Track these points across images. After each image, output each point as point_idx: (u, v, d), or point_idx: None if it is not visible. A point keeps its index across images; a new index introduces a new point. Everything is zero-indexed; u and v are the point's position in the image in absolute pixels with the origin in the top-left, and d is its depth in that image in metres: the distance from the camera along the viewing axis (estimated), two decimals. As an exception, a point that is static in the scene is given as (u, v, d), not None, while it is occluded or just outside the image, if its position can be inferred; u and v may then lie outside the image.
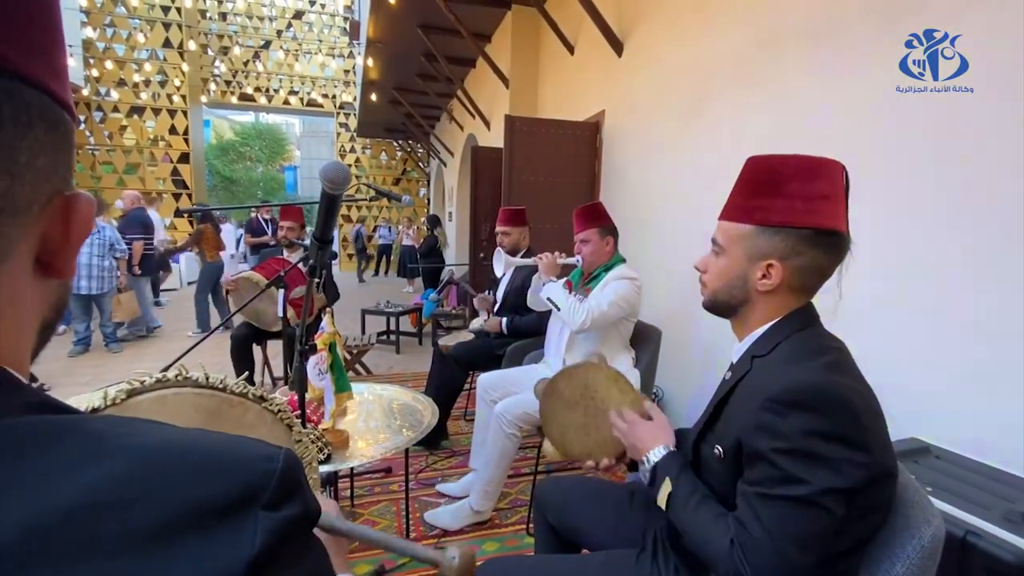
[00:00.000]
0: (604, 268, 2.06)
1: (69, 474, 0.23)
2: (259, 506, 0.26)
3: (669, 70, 2.90)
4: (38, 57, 0.27)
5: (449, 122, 8.96)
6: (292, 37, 11.43)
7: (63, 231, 0.30)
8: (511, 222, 2.64)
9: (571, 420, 1.17)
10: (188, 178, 10.59)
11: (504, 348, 2.47)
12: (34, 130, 0.27)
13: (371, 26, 5.72)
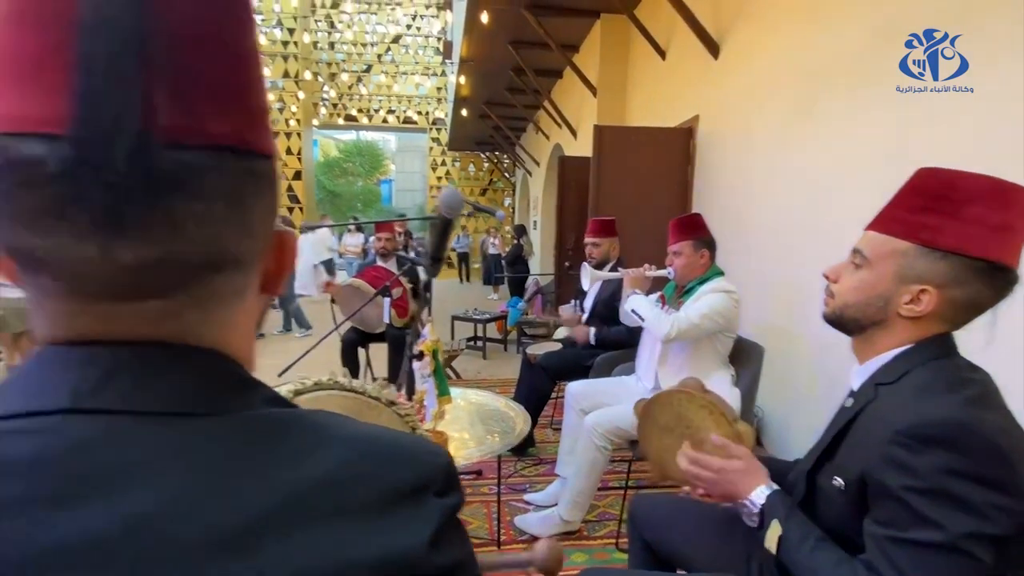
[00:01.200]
0: (699, 281, 2.00)
1: (307, 455, 0.30)
2: (431, 493, 0.31)
3: (772, 70, 2.75)
4: (261, 128, 0.33)
5: (535, 133, 9.11)
6: (391, 60, 12.27)
7: (279, 262, 0.36)
8: (601, 233, 2.64)
9: (667, 446, 1.15)
10: (300, 194, 11.72)
11: (592, 359, 2.47)
12: (265, 195, 0.33)
13: (464, 46, 6.00)
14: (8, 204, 0.26)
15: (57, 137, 0.25)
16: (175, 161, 0.27)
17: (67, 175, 0.25)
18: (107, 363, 0.29)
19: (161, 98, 0.26)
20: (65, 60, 0.25)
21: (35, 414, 0.27)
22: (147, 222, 0.27)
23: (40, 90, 0.25)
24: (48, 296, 0.29)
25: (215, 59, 0.29)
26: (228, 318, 0.33)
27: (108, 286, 0.28)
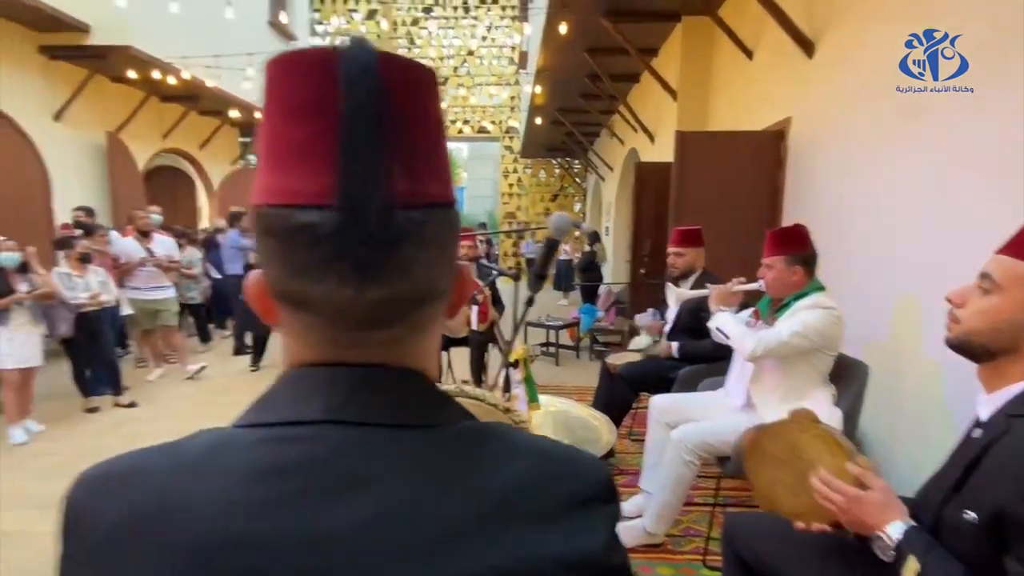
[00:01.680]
0: (796, 296, 1.92)
1: (502, 464, 0.36)
2: (600, 501, 0.36)
3: (875, 68, 2.57)
4: (451, 183, 0.40)
5: (610, 137, 9.02)
6: (466, 72, 12.66)
7: (460, 292, 0.42)
8: (685, 243, 2.60)
9: (778, 479, 1.12)
10: (381, 202, 12.41)
11: (676, 371, 2.44)
12: (456, 237, 0.40)
13: (541, 57, 6.09)
14: (287, 259, 0.34)
15: (326, 207, 0.32)
16: (407, 219, 0.34)
17: (334, 236, 0.32)
18: (350, 382, 0.36)
19: (396, 170, 0.33)
20: (329, 146, 0.32)
21: (298, 423, 0.35)
22: (388, 268, 0.34)
23: (311, 170, 0.33)
24: (309, 328, 0.37)
25: (426, 134, 0.37)
26: (424, 342, 0.40)
27: (356, 319, 0.35)
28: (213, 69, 6.87)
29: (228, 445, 0.35)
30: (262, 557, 0.30)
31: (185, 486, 0.32)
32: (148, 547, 0.31)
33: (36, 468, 3.02)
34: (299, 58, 0.34)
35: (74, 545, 0.34)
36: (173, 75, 6.67)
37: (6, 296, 3.35)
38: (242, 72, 6.84)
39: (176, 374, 4.88)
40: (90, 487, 0.35)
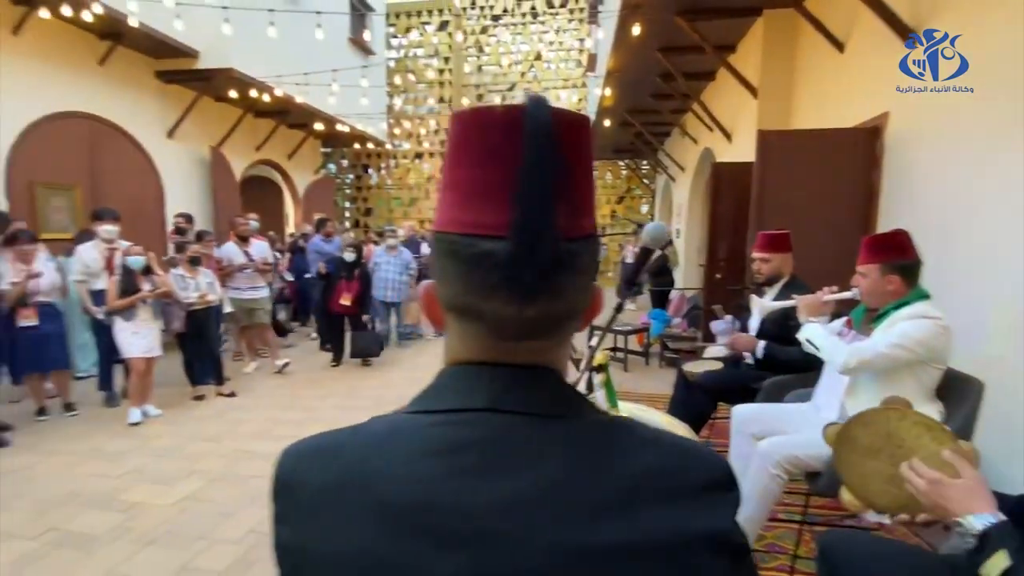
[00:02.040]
0: (896, 305, 1.79)
1: (637, 451, 0.41)
2: (723, 488, 0.41)
3: (989, 54, 2.35)
4: (595, 217, 0.46)
5: (681, 137, 8.76)
6: (533, 77, 12.76)
7: (594, 306, 0.48)
8: (771, 247, 2.48)
9: (873, 469, 1.08)
10: (450, 206, 12.76)
11: (760, 381, 2.34)
12: (598, 262, 0.46)
13: (612, 59, 6.04)
14: (466, 278, 0.41)
15: (502, 238, 0.39)
16: (566, 250, 0.40)
17: (508, 263, 0.39)
18: (507, 379, 0.43)
19: (561, 209, 0.39)
20: (508, 189, 0.39)
21: (466, 410, 0.41)
22: (547, 291, 0.40)
23: (492, 208, 0.40)
24: (475, 335, 0.43)
25: (583, 177, 0.43)
26: (563, 348, 0.47)
27: (515, 331, 0.42)
28: (302, 86, 7.41)
29: (405, 428, 0.42)
30: (449, 518, 0.37)
31: (376, 459, 0.40)
32: (352, 505, 0.38)
33: (154, 448, 3.41)
34: (487, 114, 0.40)
35: (286, 505, 0.42)
36: (267, 93, 7.26)
37: (134, 294, 3.81)
38: (328, 88, 7.32)
39: (267, 367, 5.31)
40: (296, 460, 0.44)
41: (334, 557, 0.37)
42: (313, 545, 0.39)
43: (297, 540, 0.40)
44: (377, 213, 13.17)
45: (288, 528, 0.41)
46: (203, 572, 2.13)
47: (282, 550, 0.41)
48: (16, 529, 2.45)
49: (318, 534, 0.39)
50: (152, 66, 6.96)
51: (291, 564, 0.40)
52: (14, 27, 5.37)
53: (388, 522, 0.37)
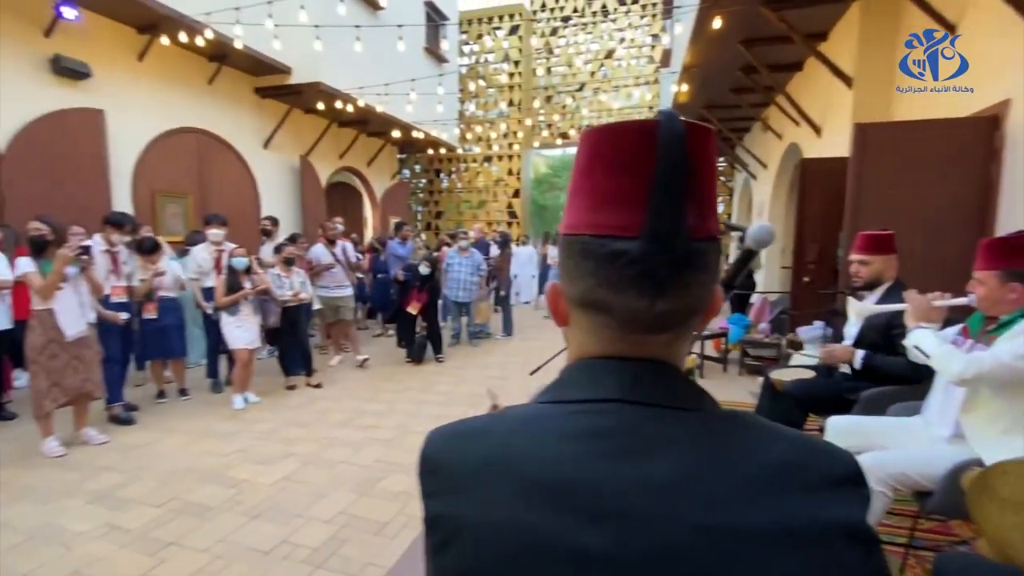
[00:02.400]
0: (1022, 313, 1.61)
1: (766, 444, 0.42)
2: (854, 484, 0.41)
3: None
4: (718, 219, 0.48)
5: (763, 132, 8.31)
6: (604, 76, 12.60)
7: (714, 305, 0.49)
8: (873, 249, 2.30)
9: (1013, 523, 0.98)
10: (518, 209, 12.88)
11: (858, 392, 2.19)
12: (720, 264, 0.48)
13: (689, 54, 5.85)
14: (598, 275, 0.44)
15: (634, 238, 0.42)
16: (695, 249, 0.43)
17: (640, 260, 0.42)
18: (635, 372, 0.45)
19: (690, 211, 0.42)
20: (641, 194, 0.42)
21: (599, 401, 0.45)
22: (676, 286, 0.43)
23: (625, 211, 0.43)
24: (604, 328, 0.47)
25: (710, 182, 0.45)
26: (684, 344, 0.49)
27: (645, 324, 0.45)
28: (382, 96, 7.80)
29: (543, 415, 0.46)
30: (592, 496, 0.40)
31: (520, 442, 0.44)
32: (500, 482, 0.42)
33: (255, 431, 3.73)
34: (621, 129, 0.44)
35: (436, 482, 0.47)
36: (351, 104, 7.72)
37: (238, 292, 4.20)
38: (405, 96, 7.66)
39: (349, 361, 5.65)
40: (443, 442, 0.49)
41: (488, 528, 0.41)
42: (466, 517, 0.43)
43: (449, 513, 0.44)
44: (447, 216, 13.57)
45: (439, 502, 0.45)
46: (301, 547, 2.32)
47: (433, 522, 0.45)
48: (145, 497, 2.78)
49: (470, 508, 0.43)
50: (251, 83, 7.63)
51: (443, 533, 0.44)
52: (139, 54, 6.09)
53: (534, 498, 0.40)
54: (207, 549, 2.30)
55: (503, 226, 12.61)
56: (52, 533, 2.43)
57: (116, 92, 5.84)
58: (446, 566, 0.43)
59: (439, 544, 0.44)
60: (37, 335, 3.15)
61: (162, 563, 2.21)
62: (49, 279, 3.10)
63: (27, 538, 2.39)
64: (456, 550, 0.42)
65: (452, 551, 0.43)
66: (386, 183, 11.47)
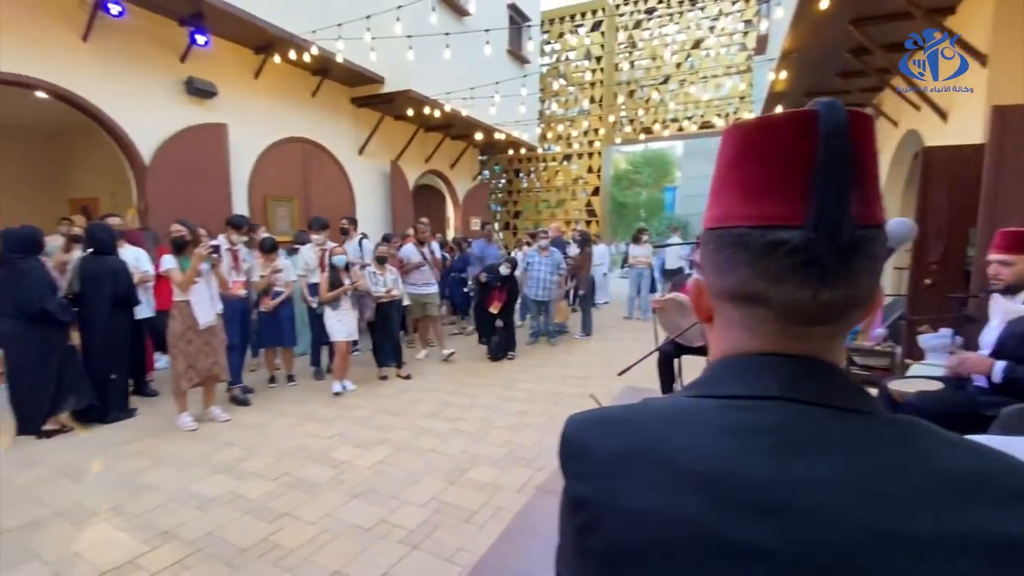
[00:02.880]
0: None
1: (938, 452, 0.40)
2: None
3: None
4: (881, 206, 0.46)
5: (875, 119, 7.54)
6: (690, 67, 12.09)
7: (876, 301, 0.47)
8: (1017, 248, 2.03)
9: None
10: (597, 207, 12.72)
11: (997, 408, 1.93)
12: (885, 254, 0.46)
13: (789, 38, 5.46)
14: (754, 266, 0.44)
15: (796, 227, 0.42)
16: (859, 236, 0.42)
17: (803, 248, 0.42)
18: (794, 369, 0.44)
19: (855, 198, 0.41)
20: (801, 183, 0.42)
21: (755, 397, 0.44)
22: (842, 275, 0.42)
23: (784, 201, 0.43)
24: (759, 320, 0.46)
25: (872, 168, 0.44)
26: (842, 341, 0.47)
27: (806, 316, 0.44)
28: (467, 100, 8.05)
29: (695, 408, 0.46)
30: (751, 490, 0.39)
31: (672, 433, 0.45)
32: (649, 470, 0.43)
33: (353, 417, 4.02)
34: (776, 120, 0.44)
35: (580, 465, 0.48)
36: (438, 109, 8.04)
37: (338, 288, 4.54)
38: (488, 99, 7.84)
39: (434, 355, 5.90)
40: (585, 428, 0.50)
41: (638, 515, 0.42)
42: (614, 503, 0.44)
43: (595, 497, 0.45)
44: (525, 215, 13.69)
45: (584, 485, 0.47)
46: (398, 527, 2.47)
47: (577, 503, 0.47)
48: (261, 471, 3.10)
49: (617, 494, 0.44)
50: (348, 93, 8.19)
51: (588, 516, 0.45)
52: (255, 72, 6.75)
53: (689, 488, 0.41)
54: (315, 522, 2.53)
55: (581, 225, 12.51)
56: (188, 497, 2.78)
57: (236, 108, 6.52)
58: (591, 547, 0.44)
59: (583, 526, 0.45)
60: (176, 323, 3.61)
61: (279, 531, 2.46)
62: (187, 274, 3.55)
63: (169, 499, 2.76)
64: (603, 534, 0.43)
65: (598, 534, 0.44)
66: (467, 184, 11.81)
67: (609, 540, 0.43)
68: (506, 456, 3.25)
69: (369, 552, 2.28)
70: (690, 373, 3.92)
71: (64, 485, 2.90)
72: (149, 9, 5.49)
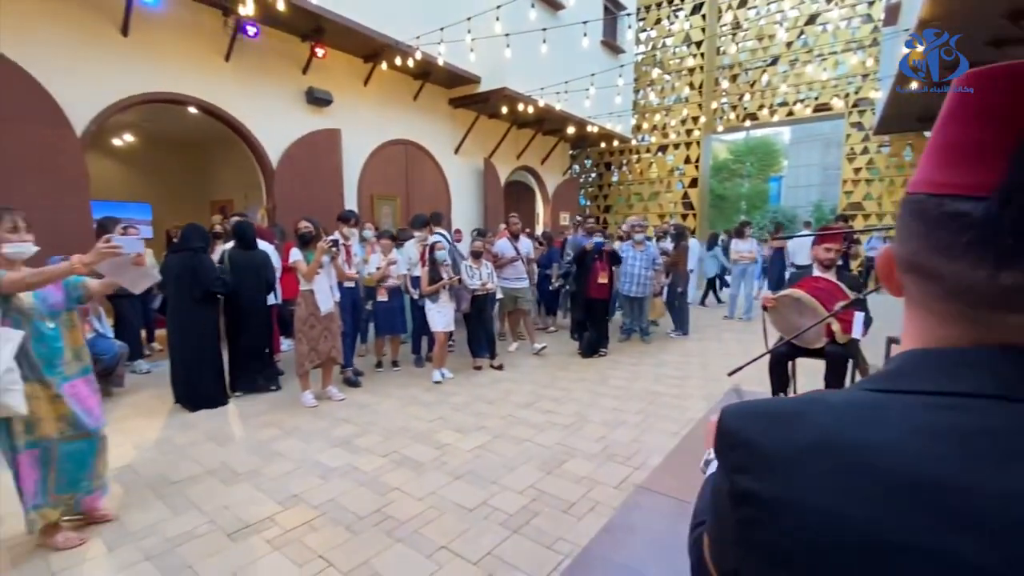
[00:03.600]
0: None
1: None
2: None
3: None
4: None
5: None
6: (802, 45, 11.08)
7: None
8: None
9: None
10: (695, 200, 12.12)
11: None
12: None
13: (928, 5, 4.83)
14: (929, 239, 0.41)
15: (979, 198, 0.38)
16: None
17: (984, 224, 0.37)
18: (1015, 365, 0.39)
19: None
20: (1000, 148, 0.37)
21: (964, 395, 0.39)
22: None
23: (977, 167, 0.38)
24: (933, 299, 0.42)
25: None
26: None
27: (986, 299, 0.39)
28: (561, 94, 8.04)
29: (885, 405, 0.42)
30: (968, 500, 0.35)
31: (857, 430, 0.41)
32: (835, 469, 0.40)
33: (452, 403, 4.22)
34: (990, 72, 0.39)
35: (743, 457, 0.46)
36: (532, 105, 8.12)
37: (438, 282, 4.78)
38: (581, 92, 7.77)
39: (525, 348, 6.00)
40: (750, 420, 0.47)
41: (822, 516, 0.39)
42: (787, 499, 0.41)
43: (766, 491, 0.43)
44: (616, 209, 13.40)
45: (750, 478, 0.44)
46: (498, 510, 2.57)
47: (741, 496, 0.45)
48: (373, 447, 3.36)
49: (792, 490, 0.41)
50: (446, 95, 8.53)
51: (755, 510, 0.43)
52: (364, 79, 7.25)
53: (885, 493, 0.37)
54: (422, 499, 2.70)
55: (676, 218, 12.00)
56: (312, 465, 3.09)
57: (348, 114, 7.07)
58: (759, 541, 0.43)
59: (749, 519, 0.44)
60: (302, 310, 4.02)
61: (391, 503, 2.66)
62: (312, 265, 3.93)
63: (296, 467, 3.08)
64: (776, 531, 0.41)
65: (770, 530, 0.42)
66: (557, 179, 11.81)
67: (785, 538, 0.41)
68: (602, 452, 3.24)
69: (473, 531, 2.40)
70: (806, 378, 3.63)
71: (212, 448, 3.35)
72: (277, 28, 6.12)
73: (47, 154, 4.34)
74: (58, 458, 2.26)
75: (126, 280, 2.45)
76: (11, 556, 2.22)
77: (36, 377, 2.16)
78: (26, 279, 2.06)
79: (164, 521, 2.49)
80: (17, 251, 2.11)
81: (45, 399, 2.20)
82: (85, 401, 2.34)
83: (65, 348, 2.27)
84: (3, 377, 1.96)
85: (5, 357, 1.98)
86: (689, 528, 0.65)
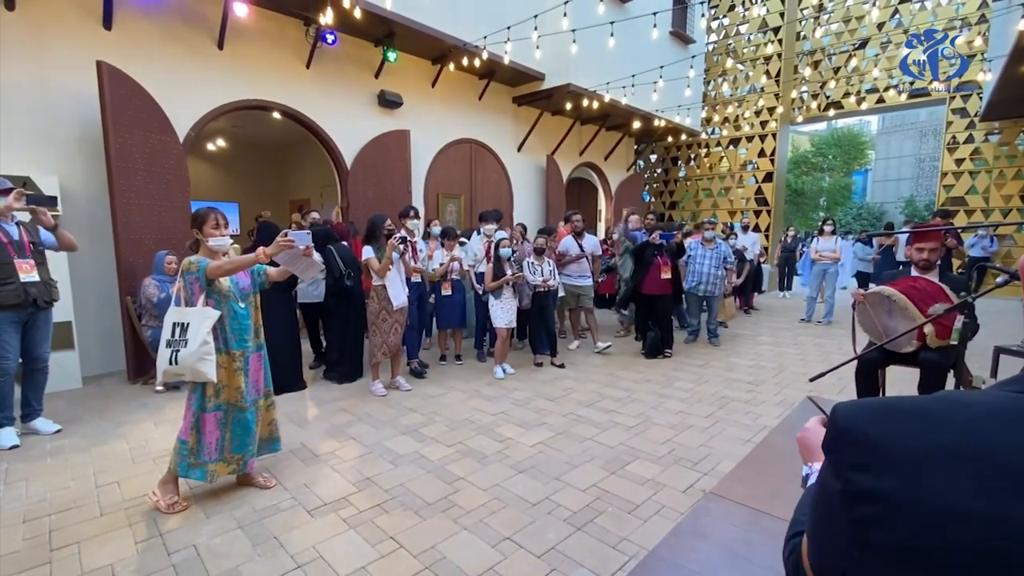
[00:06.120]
0: None
1: None
2: None
3: None
4: None
5: None
6: (896, 25, 10.17)
7: None
8: None
9: None
10: (769, 196, 11.47)
11: None
12: None
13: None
14: None
15: None
16: None
17: None
18: None
19: None
20: None
21: None
22: None
23: None
24: None
25: None
26: None
27: None
28: (627, 88, 7.88)
29: (1022, 406, 0.41)
30: None
31: (994, 432, 0.40)
32: (970, 470, 0.39)
33: (513, 398, 4.27)
34: None
35: (861, 455, 0.45)
36: (597, 100, 8.01)
37: (501, 278, 4.84)
38: (649, 85, 7.57)
39: (586, 347, 5.94)
40: (868, 417, 0.46)
41: (946, 515, 0.39)
42: (919, 499, 0.41)
43: (891, 490, 0.42)
44: (683, 205, 12.95)
45: (871, 477, 0.44)
46: (561, 507, 2.58)
47: (860, 495, 0.44)
48: (439, 436, 3.47)
49: (925, 490, 0.41)
50: (510, 93, 8.60)
51: (877, 510, 0.43)
52: (432, 81, 7.45)
53: (1021, 493, 0.37)
54: (487, 489, 2.76)
55: (748, 215, 11.41)
56: (383, 452, 3.24)
57: (416, 115, 7.30)
58: (880, 542, 0.42)
59: (869, 519, 0.43)
60: (375, 304, 4.22)
61: (456, 492, 2.74)
62: (384, 262, 4.11)
63: (368, 451, 3.24)
64: (903, 531, 0.41)
65: (895, 530, 0.41)
66: (621, 175, 11.58)
67: (912, 538, 0.41)
68: (669, 455, 3.16)
69: (536, 525, 2.42)
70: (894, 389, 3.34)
71: (293, 429, 3.60)
72: (352, 35, 6.42)
73: (156, 158, 4.82)
74: (232, 422, 2.63)
75: (297, 268, 2.79)
76: (127, 516, 2.51)
77: (227, 350, 2.56)
78: (223, 266, 2.45)
79: (253, 494, 2.71)
80: (219, 244, 2.54)
81: (229, 370, 2.58)
82: (255, 374, 2.71)
83: (251, 325, 2.67)
84: (200, 348, 2.36)
85: (204, 331, 2.38)
86: (784, 539, 0.63)
